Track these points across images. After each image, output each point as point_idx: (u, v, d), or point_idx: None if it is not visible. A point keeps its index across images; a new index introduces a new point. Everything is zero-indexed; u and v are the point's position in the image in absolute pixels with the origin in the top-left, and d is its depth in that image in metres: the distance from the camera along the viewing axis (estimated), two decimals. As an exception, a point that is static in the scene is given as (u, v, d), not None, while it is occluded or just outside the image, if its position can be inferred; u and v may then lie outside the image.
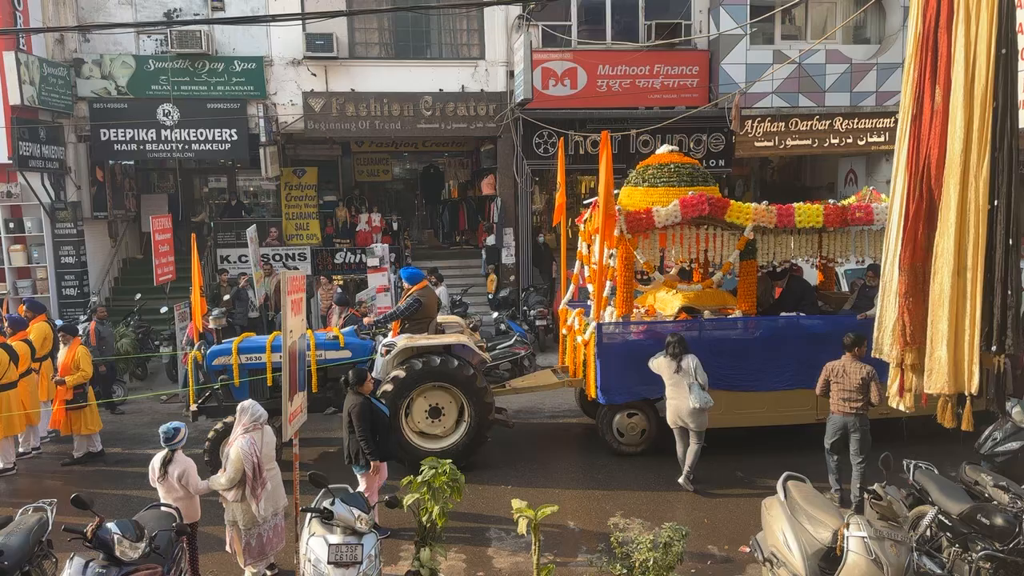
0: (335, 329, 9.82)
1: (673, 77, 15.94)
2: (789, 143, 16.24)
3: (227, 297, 13.89)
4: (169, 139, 15.16)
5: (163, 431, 6.03)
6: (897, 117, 4.88)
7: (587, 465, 9.15)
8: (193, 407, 9.09)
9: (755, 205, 9.03)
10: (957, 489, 5.83)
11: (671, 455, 8.49)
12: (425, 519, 5.65)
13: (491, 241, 16.72)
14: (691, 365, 8.00)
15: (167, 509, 5.85)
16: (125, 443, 10.33)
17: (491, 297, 15.63)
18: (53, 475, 9.27)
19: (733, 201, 9.14)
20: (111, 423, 10.91)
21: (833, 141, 16.29)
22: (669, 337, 8.22)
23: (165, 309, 13.59)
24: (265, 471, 6.00)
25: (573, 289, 10.87)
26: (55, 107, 14.49)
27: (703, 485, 8.21)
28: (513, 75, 15.37)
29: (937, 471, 6.16)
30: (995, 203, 4.24)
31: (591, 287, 9.73)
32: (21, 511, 5.80)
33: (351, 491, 5.79)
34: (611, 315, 9.13)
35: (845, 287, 12.68)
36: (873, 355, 5.04)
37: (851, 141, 16.31)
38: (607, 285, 9.15)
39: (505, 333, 12.47)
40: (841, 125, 16.20)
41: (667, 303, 9.71)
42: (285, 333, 5.77)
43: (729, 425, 8.88)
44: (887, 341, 4.81)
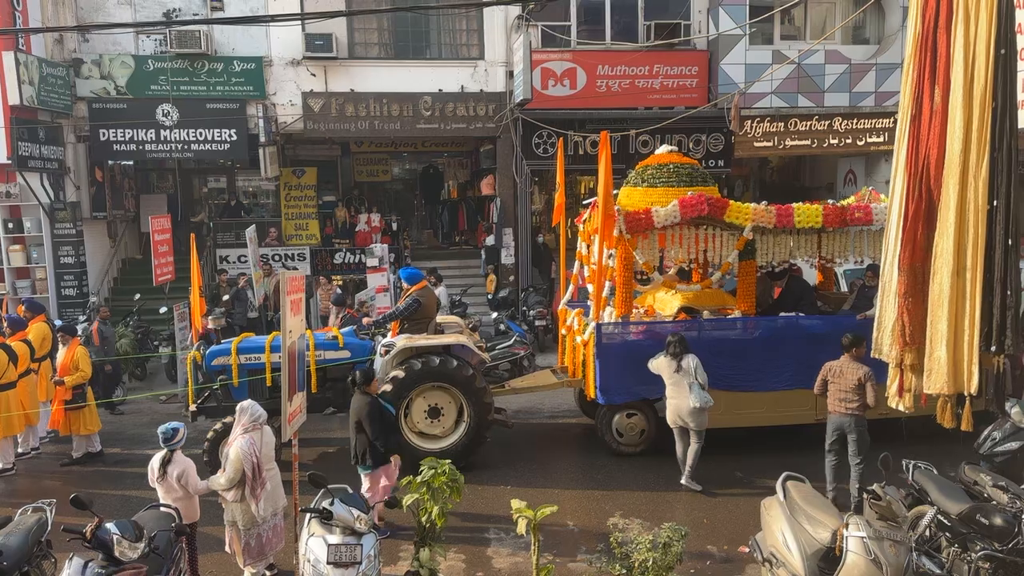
0: (334, 329, 9.81)
1: (672, 77, 15.94)
2: (788, 143, 16.25)
3: (226, 297, 13.89)
4: (168, 139, 15.16)
5: (162, 431, 6.03)
6: (896, 117, 4.88)
7: (586, 465, 9.15)
8: (192, 407, 9.09)
9: (754, 205, 9.03)
10: (956, 489, 5.83)
11: (670, 455, 8.49)
12: (424, 519, 5.64)
13: (490, 241, 16.72)
14: (691, 365, 8.01)
15: (166, 509, 5.85)
16: (124, 443, 10.33)
17: (490, 297, 15.63)
18: (52, 475, 9.26)
19: (732, 201, 9.15)
20: (110, 423, 10.90)
21: (832, 141, 16.30)
22: (670, 337, 8.23)
23: (164, 309, 13.58)
24: (264, 471, 6.00)
25: (572, 289, 10.87)
26: (54, 107, 14.49)
27: (702, 485, 8.20)
28: (512, 75, 15.38)
29: (936, 471, 6.16)
30: (994, 203, 4.25)
31: (590, 287, 9.73)
32: (20, 511, 5.79)
33: (350, 491, 5.79)
34: (610, 315, 9.14)
35: (844, 287, 12.69)
36: (872, 355, 5.05)
37: (850, 141, 16.32)
38: (606, 285, 9.16)
39: (504, 333, 12.47)
40: (840, 125, 16.20)
41: (666, 303, 9.71)
42: (284, 333, 5.77)
43: (728, 425, 8.87)
44: (886, 341, 4.81)
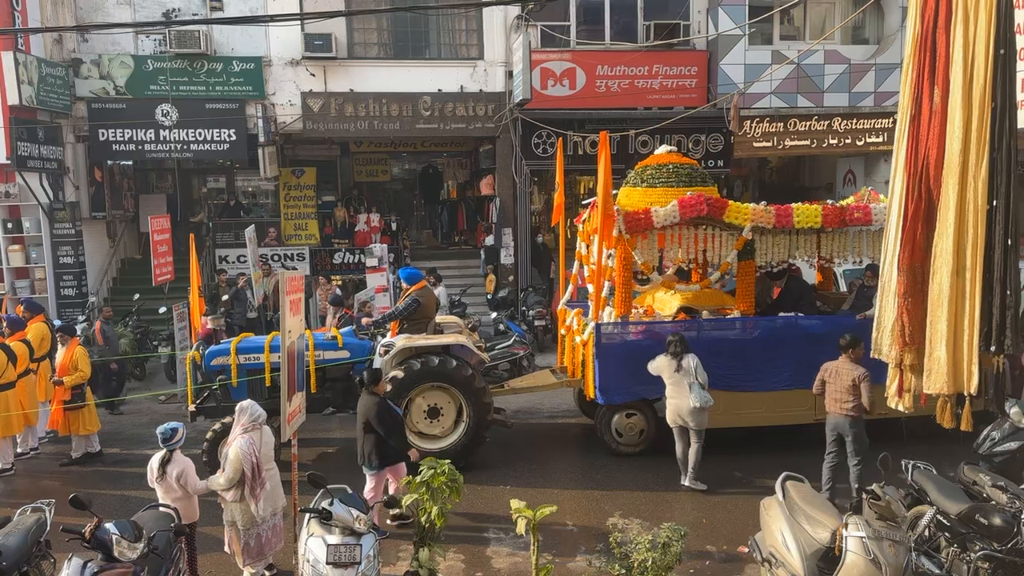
0: (334, 329, 9.81)
1: (672, 77, 15.94)
2: (788, 143, 16.25)
3: (226, 297, 13.88)
4: (167, 139, 15.15)
5: (161, 432, 6.02)
6: (896, 117, 4.88)
7: (586, 465, 9.15)
8: (191, 407, 9.09)
9: (753, 205, 9.03)
10: (955, 489, 5.83)
11: (670, 455, 8.49)
12: (424, 519, 5.64)
13: (490, 241, 16.72)
14: (691, 364, 8.02)
15: (165, 509, 5.85)
16: (123, 443, 10.32)
17: (490, 297, 15.63)
18: (51, 475, 9.26)
19: (731, 201, 9.15)
20: (109, 423, 10.90)
21: (832, 141, 16.30)
22: (670, 336, 8.24)
23: (164, 309, 13.57)
24: (264, 471, 5.99)
25: (572, 289, 10.87)
26: (53, 107, 14.48)
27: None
28: (512, 75, 15.38)
29: (935, 471, 6.16)
30: (994, 203, 4.25)
31: (590, 287, 9.73)
32: (19, 511, 5.79)
33: (349, 491, 5.79)
34: (610, 315, 9.14)
35: (843, 287, 12.69)
36: (872, 355, 5.04)
37: (850, 141, 16.32)
38: (605, 285, 9.16)
39: (504, 333, 12.47)
40: (840, 125, 16.20)
41: (665, 303, 9.71)
42: (284, 333, 5.77)
43: (728, 425, 8.87)
44: (886, 341, 4.81)
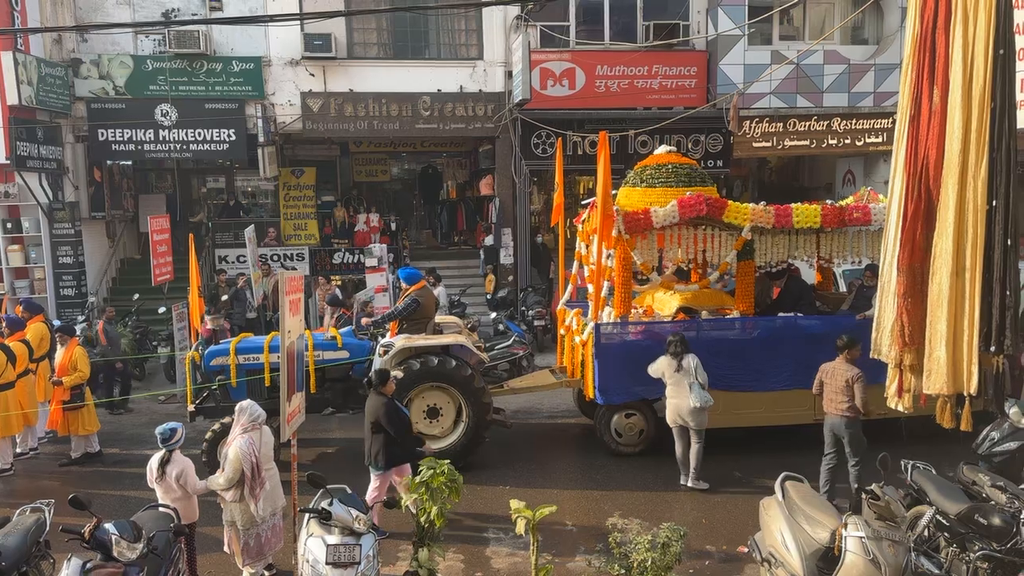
0: (333, 330, 9.81)
1: (671, 78, 15.94)
2: (787, 143, 16.25)
3: (225, 297, 13.88)
4: (167, 139, 15.14)
5: (160, 432, 6.02)
6: (895, 118, 4.88)
7: (585, 465, 9.15)
8: (191, 407, 9.09)
9: (753, 205, 9.03)
10: (955, 489, 5.83)
11: (669, 455, 8.49)
12: (423, 519, 5.64)
13: (489, 241, 16.72)
14: (692, 364, 8.03)
15: (165, 510, 5.84)
16: (123, 443, 10.32)
17: (489, 297, 15.63)
18: (51, 476, 9.25)
19: (731, 201, 9.15)
20: (109, 423, 10.90)
21: (831, 142, 16.30)
22: (670, 336, 8.25)
23: (163, 309, 13.57)
24: (263, 471, 5.99)
25: (571, 289, 10.87)
26: (53, 107, 14.47)
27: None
28: (511, 75, 15.38)
29: (935, 471, 6.16)
30: (993, 203, 4.26)
31: (590, 287, 9.72)
32: (19, 512, 5.78)
33: (349, 492, 5.79)
34: (609, 315, 9.14)
35: (843, 287, 12.70)
36: (872, 356, 5.04)
37: (849, 142, 16.32)
38: (605, 285, 9.15)
39: (503, 333, 12.47)
40: (839, 126, 16.20)
41: (665, 303, 9.71)
42: (283, 333, 5.77)
43: (727, 425, 8.87)
44: (886, 342, 4.81)
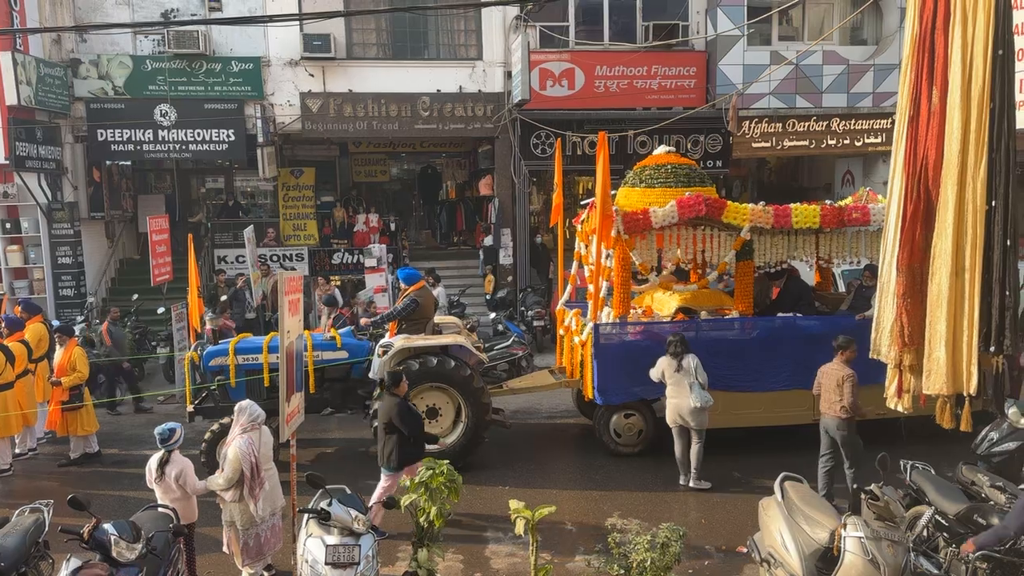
0: (332, 330, 9.81)
1: (670, 78, 15.95)
2: (786, 144, 16.26)
3: (224, 298, 13.87)
4: (166, 139, 15.13)
5: (159, 432, 6.02)
6: (894, 118, 4.88)
7: (584, 466, 9.15)
8: (190, 408, 9.09)
9: (752, 206, 9.04)
10: (954, 489, 5.84)
11: (668, 455, 8.49)
12: (423, 520, 5.64)
13: (489, 242, 16.71)
14: (692, 364, 8.04)
15: (164, 510, 5.84)
16: (122, 444, 10.31)
17: (488, 298, 15.63)
18: (50, 476, 9.25)
19: (730, 202, 9.15)
20: (108, 424, 10.89)
21: (830, 142, 16.31)
22: (670, 336, 8.26)
23: (162, 310, 13.56)
24: (263, 471, 5.99)
25: (570, 289, 10.87)
26: (52, 107, 14.46)
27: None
28: (511, 76, 15.37)
29: (934, 471, 6.17)
30: (992, 204, 4.26)
31: (589, 287, 9.72)
32: (18, 512, 5.78)
33: (348, 492, 5.78)
34: (608, 316, 9.14)
35: (842, 288, 12.69)
36: (871, 356, 5.04)
37: (848, 142, 16.33)
38: (604, 286, 9.15)
39: (503, 334, 12.46)
40: (838, 126, 16.22)
41: (664, 304, 9.71)
42: (282, 334, 5.76)
43: (726, 425, 8.87)
44: (885, 342, 4.81)
